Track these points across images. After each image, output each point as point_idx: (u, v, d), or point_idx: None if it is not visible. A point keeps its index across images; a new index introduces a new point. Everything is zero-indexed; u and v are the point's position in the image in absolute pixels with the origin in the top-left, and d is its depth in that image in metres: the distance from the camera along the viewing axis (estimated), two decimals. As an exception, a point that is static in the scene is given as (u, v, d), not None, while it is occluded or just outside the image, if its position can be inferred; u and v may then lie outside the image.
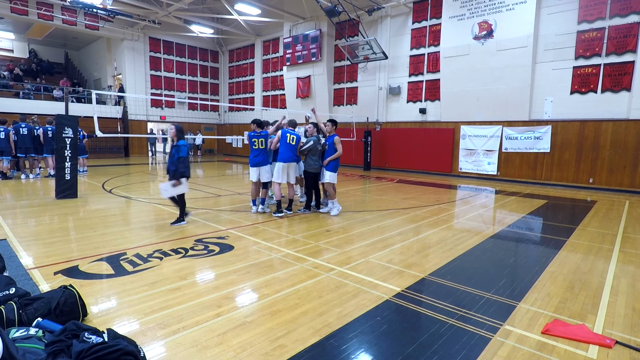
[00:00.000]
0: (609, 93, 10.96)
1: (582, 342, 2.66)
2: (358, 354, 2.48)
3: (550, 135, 11.97)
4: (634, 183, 10.70)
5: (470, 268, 4.24)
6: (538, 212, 7.85)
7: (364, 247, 4.93)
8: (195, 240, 5.00)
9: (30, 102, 18.08)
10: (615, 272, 4.18)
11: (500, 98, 12.69)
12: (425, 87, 15.03)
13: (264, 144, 6.63)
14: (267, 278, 3.74)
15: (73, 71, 26.84)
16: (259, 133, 6.62)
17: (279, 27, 20.08)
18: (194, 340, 2.57)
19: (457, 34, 13.22)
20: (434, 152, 14.72)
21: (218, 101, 25.16)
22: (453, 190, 10.84)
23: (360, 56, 15.47)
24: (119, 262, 4.08)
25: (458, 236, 5.57)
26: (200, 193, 9.10)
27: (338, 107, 18.27)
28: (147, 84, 21.71)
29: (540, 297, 3.43)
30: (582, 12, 11.18)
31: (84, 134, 12.52)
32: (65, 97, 8.21)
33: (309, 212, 7.07)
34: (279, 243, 5.00)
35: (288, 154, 6.57)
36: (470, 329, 2.82)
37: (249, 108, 23.44)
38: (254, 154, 6.61)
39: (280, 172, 6.56)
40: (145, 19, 19.35)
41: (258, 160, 6.60)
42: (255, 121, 6.73)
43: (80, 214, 6.56)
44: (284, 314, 2.99)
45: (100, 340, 2.11)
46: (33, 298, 2.70)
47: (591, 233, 5.97)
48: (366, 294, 3.40)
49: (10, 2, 16.32)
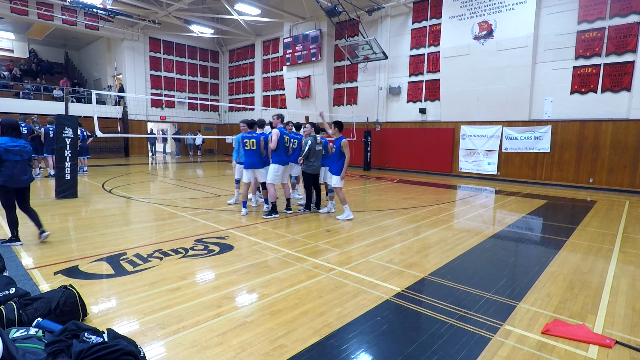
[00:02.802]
0: (609, 93, 10.96)
1: (582, 342, 2.66)
2: (358, 354, 2.48)
3: (550, 135, 11.97)
4: (634, 183, 10.70)
5: (470, 268, 4.24)
6: (538, 212, 7.85)
7: (364, 247, 4.93)
8: (195, 240, 5.00)
9: (30, 102, 18.07)
10: (615, 272, 4.18)
11: (500, 98, 12.69)
12: (425, 87, 15.03)
13: (255, 145, 6.43)
14: (267, 278, 3.74)
15: (73, 71, 26.84)
16: (250, 134, 6.46)
17: (279, 27, 20.08)
18: (194, 340, 2.57)
19: (457, 34, 13.22)
20: (434, 152, 14.72)
21: (218, 101, 25.15)
22: (453, 190, 10.84)
23: (360, 56, 15.47)
24: (119, 262, 4.08)
25: (458, 236, 5.57)
26: (200, 193, 9.11)
27: (338, 107, 18.27)
28: (147, 84, 21.71)
29: (540, 297, 3.43)
30: (582, 12, 11.18)
31: (87, 134, 12.50)
32: (65, 97, 8.21)
33: (308, 212, 7.07)
34: (279, 243, 5.00)
35: (283, 157, 6.59)
36: (470, 329, 2.82)
37: (249, 108, 23.44)
38: (249, 155, 6.47)
39: (273, 174, 6.53)
40: (145, 19, 19.34)
41: (253, 162, 6.50)
42: (245, 122, 6.55)
43: (80, 214, 6.56)
44: (284, 314, 2.99)
45: (100, 340, 2.11)
46: (33, 298, 2.70)
47: (591, 233, 5.97)
48: (366, 294, 3.40)
49: (10, 2, 16.32)
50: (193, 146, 23.87)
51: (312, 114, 18.22)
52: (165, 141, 26.42)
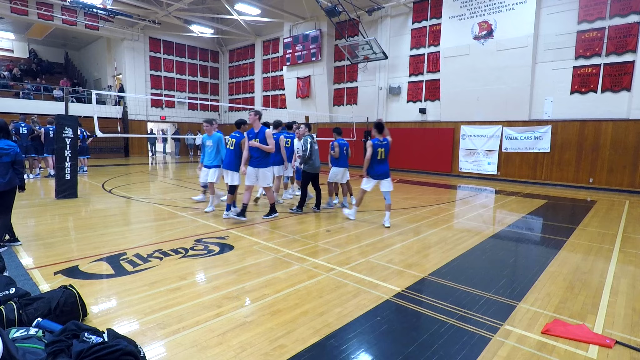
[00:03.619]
0: (609, 93, 10.96)
1: (582, 342, 2.66)
2: (358, 354, 2.47)
3: (550, 135, 11.97)
4: (634, 183, 10.70)
5: (470, 268, 4.24)
6: (538, 212, 7.85)
7: (364, 247, 4.93)
8: (195, 240, 5.00)
9: (30, 102, 18.07)
10: (615, 272, 4.18)
11: (500, 98, 12.69)
12: (425, 87, 15.03)
13: (233, 145, 6.24)
14: (267, 278, 3.74)
15: (73, 71, 26.84)
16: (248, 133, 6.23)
17: (279, 27, 20.08)
18: (194, 340, 2.57)
19: (457, 34, 13.22)
20: (434, 152, 14.71)
21: (218, 101, 25.15)
22: (453, 190, 10.84)
23: (360, 56, 15.47)
24: (119, 262, 4.08)
25: (458, 236, 5.57)
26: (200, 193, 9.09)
27: (338, 107, 18.27)
28: (147, 84, 21.71)
29: (540, 297, 3.42)
30: (582, 12, 11.18)
31: (87, 134, 12.50)
32: (65, 97, 8.21)
33: (300, 212, 6.98)
34: (279, 243, 5.00)
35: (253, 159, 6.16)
36: (470, 329, 2.82)
37: (249, 108, 23.42)
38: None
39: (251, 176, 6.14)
40: (145, 19, 19.34)
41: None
42: (239, 122, 6.40)
43: (80, 214, 6.55)
44: (284, 314, 2.99)
45: (100, 340, 2.11)
46: (33, 298, 2.71)
47: (591, 233, 5.97)
48: (366, 294, 3.40)
49: (10, 2, 16.31)
50: (193, 146, 23.86)
51: (312, 114, 18.23)
52: (165, 141, 26.41)
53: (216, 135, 6.75)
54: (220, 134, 6.89)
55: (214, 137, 6.72)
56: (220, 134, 6.85)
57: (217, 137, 6.73)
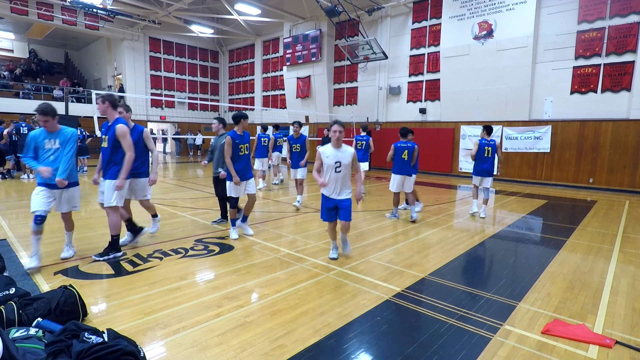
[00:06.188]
0: (609, 93, 10.96)
1: (582, 342, 2.66)
2: (358, 354, 2.47)
3: (550, 135, 11.97)
4: (634, 183, 10.70)
5: (470, 268, 4.24)
6: (538, 212, 7.84)
7: (364, 247, 4.93)
8: (195, 240, 5.00)
9: (31, 102, 18.04)
10: (615, 272, 4.17)
11: (500, 98, 12.69)
12: (425, 87, 15.03)
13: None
14: (267, 278, 3.74)
15: (73, 71, 26.84)
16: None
17: (279, 27, 20.07)
18: (194, 340, 2.57)
19: (457, 34, 13.22)
20: (434, 152, 14.71)
21: (218, 101, 25.15)
22: (453, 190, 10.84)
23: (360, 56, 15.47)
24: (119, 262, 4.08)
25: (458, 236, 5.57)
26: (200, 193, 9.10)
27: (338, 107, 18.27)
28: (147, 84, 21.70)
29: (540, 297, 3.42)
30: (582, 12, 11.18)
31: (86, 134, 12.52)
32: (65, 97, 8.23)
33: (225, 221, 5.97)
34: (279, 243, 5.00)
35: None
36: (470, 329, 2.82)
37: (249, 108, 23.43)
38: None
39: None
40: (145, 19, 19.34)
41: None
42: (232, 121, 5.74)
43: (80, 214, 6.55)
44: (284, 314, 2.99)
45: (100, 340, 2.11)
46: (33, 298, 2.71)
47: (591, 233, 5.97)
48: (366, 294, 3.40)
49: (10, 2, 16.31)
50: (193, 146, 23.86)
51: (312, 114, 18.22)
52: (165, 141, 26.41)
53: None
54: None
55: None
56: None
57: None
